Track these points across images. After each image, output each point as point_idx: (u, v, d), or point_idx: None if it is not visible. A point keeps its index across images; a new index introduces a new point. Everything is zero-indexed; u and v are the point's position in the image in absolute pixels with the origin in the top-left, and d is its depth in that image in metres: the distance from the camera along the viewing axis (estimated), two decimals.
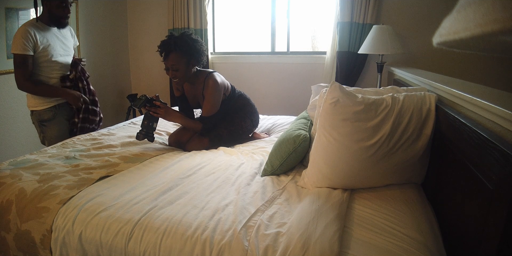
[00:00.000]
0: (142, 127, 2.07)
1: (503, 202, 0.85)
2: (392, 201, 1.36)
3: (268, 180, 1.59)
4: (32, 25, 2.08)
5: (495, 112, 0.97)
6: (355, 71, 3.32)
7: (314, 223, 1.16)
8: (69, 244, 1.31)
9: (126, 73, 4.19)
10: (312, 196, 1.37)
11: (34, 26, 2.08)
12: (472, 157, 1.06)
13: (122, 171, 1.71)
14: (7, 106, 2.81)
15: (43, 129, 2.25)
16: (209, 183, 1.56)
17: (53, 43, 2.16)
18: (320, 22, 3.74)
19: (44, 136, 2.28)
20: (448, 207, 1.29)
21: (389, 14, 3.19)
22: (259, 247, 1.11)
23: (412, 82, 2.21)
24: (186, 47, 2.05)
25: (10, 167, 1.71)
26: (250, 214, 1.27)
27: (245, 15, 3.96)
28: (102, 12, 3.73)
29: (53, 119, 2.24)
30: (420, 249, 1.06)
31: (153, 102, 2.07)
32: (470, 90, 1.30)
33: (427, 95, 1.46)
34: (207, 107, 2.17)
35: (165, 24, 3.84)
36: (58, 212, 1.37)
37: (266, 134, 2.51)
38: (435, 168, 1.46)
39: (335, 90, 1.39)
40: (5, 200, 1.47)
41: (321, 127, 1.44)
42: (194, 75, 2.20)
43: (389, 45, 2.78)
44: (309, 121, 1.95)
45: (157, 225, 1.24)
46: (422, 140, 1.39)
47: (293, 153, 1.64)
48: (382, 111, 1.38)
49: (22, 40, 2.00)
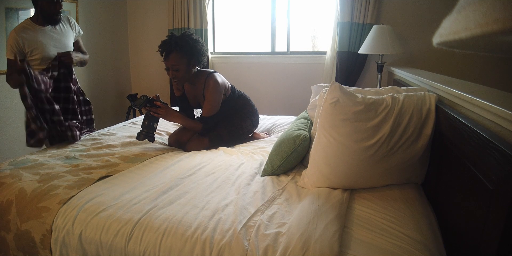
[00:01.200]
0: (142, 127, 2.07)
1: (503, 202, 0.85)
2: (392, 201, 1.36)
3: (268, 180, 1.59)
4: (21, 29, 2.09)
5: (495, 112, 0.97)
6: (355, 71, 3.32)
7: (314, 223, 1.16)
8: (69, 244, 1.31)
9: (126, 73, 4.19)
10: (312, 196, 1.37)
11: (24, 30, 2.09)
12: (472, 157, 1.06)
13: (122, 171, 1.71)
14: (7, 106, 2.81)
15: None
16: (209, 183, 1.56)
17: (46, 43, 2.15)
18: (320, 22, 3.74)
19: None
20: (448, 207, 1.29)
21: (389, 14, 3.19)
22: (259, 247, 1.11)
23: (412, 82, 2.21)
24: (187, 47, 2.04)
25: (10, 167, 1.71)
26: (250, 214, 1.27)
27: (245, 15, 3.96)
28: (102, 12, 3.72)
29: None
30: (420, 249, 1.06)
31: (154, 102, 2.08)
32: (470, 90, 1.30)
33: (427, 95, 1.45)
34: (208, 107, 2.17)
35: (165, 24, 3.84)
36: (58, 212, 1.37)
37: (266, 134, 2.51)
38: (435, 168, 1.46)
39: (335, 90, 1.39)
40: (5, 200, 1.47)
41: (321, 127, 1.44)
42: (195, 75, 2.20)
43: (389, 45, 2.78)
44: (309, 121, 1.95)
45: (157, 225, 1.24)
46: (422, 140, 1.39)
47: (293, 153, 1.64)
48: (382, 111, 1.38)
49: (9, 46, 2.07)
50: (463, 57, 2.88)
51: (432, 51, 3.00)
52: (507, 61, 2.40)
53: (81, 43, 2.46)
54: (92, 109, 2.47)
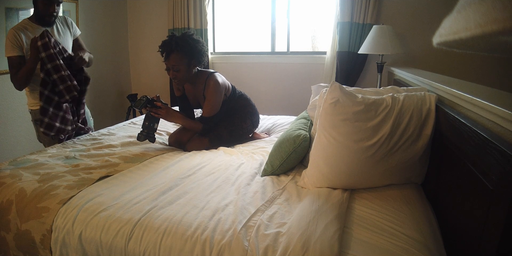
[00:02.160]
0: (143, 127, 2.07)
1: (503, 202, 0.85)
2: (392, 201, 1.36)
3: (268, 180, 1.59)
4: (20, 27, 2.09)
5: (495, 112, 0.97)
6: (355, 71, 3.32)
7: (314, 223, 1.16)
8: (69, 244, 1.31)
9: (126, 73, 4.18)
10: (312, 196, 1.37)
11: (22, 28, 2.09)
12: (472, 157, 1.06)
13: (122, 171, 1.71)
14: (7, 106, 2.81)
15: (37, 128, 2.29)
16: (209, 183, 1.56)
17: None
18: (320, 22, 3.74)
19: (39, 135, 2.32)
20: (448, 207, 1.29)
21: (389, 14, 3.19)
22: (259, 247, 1.11)
23: (412, 82, 2.21)
24: (187, 48, 2.04)
25: (10, 167, 1.71)
26: (250, 214, 1.27)
27: (245, 15, 3.96)
28: (102, 12, 3.72)
29: None
30: (420, 249, 1.06)
31: (154, 102, 2.08)
32: (470, 90, 1.30)
33: (427, 95, 1.45)
34: (208, 107, 2.17)
35: (165, 24, 3.84)
36: (58, 212, 1.37)
37: (266, 134, 2.51)
38: (435, 168, 1.46)
39: (335, 90, 1.39)
40: (5, 200, 1.47)
41: (321, 127, 1.44)
42: (195, 76, 2.20)
43: (389, 45, 2.78)
44: (309, 121, 1.95)
45: (157, 225, 1.24)
46: (422, 140, 1.39)
47: (293, 153, 1.64)
48: (382, 111, 1.38)
49: (9, 43, 2.05)
50: (463, 57, 2.88)
51: (432, 51, 3.00)
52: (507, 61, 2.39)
53: (80, 41, 2.45)
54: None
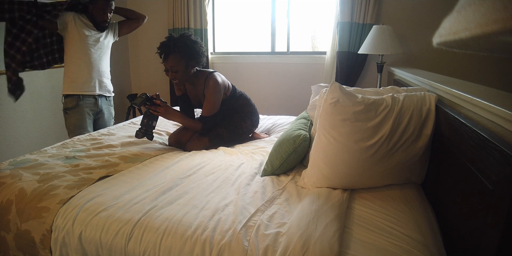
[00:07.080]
0: (141, 125, 2.08)
1: (503, 202, 0.85)
2: (392, 201, 1.36)
3: (268, 180, 1.59)
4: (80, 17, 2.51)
5: (495, 112, 0.97)
6: (355, 71, 3.32)
7: (314, 223, 1.16)
8: (69, 244, 1.31)
9: (126, 73, 4.18)
10: (312, 196, 1.37)
11: (80, 19, 2.51)
12: (472, 157, 1.06)
13: (122, 171, 1.71)
14: (7, 106, 2.81)
15: (65, 116, 2.53)
16: (209, 183, 1.56)
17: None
18: (320, 22, 3.74)
19: (66, 124, 2.53)
20: (448, 207, 1.29)
21: (389, 14, 3.19)
22: (259, 247, 1.11)
23: (412, 82, 2.21)
24: (185, 49, 2.04)
25: (10, 167, 1.71)
26: (250, 214, 1.27)
27: (245, 15, 3.96)
28: None
29: (75, 108, 2.49)
30: (420, 249, 1.06)
31: (153, 100, 2.08)
32: (470, 90, 1.30)
33: (427, 95, 1.46)
34: (208, 107, 2.17)
35: (165, 24, 3.84)
36: (58, 212, 1.37)
37: (266, 134, 2.51)
38: (435, 168, 1.46)
39: (335, 90, 1.39)
40: (5, 200, 1.47)
41: (321, 127, 1.44)
42: (195, 75, 2.20)
43: (389, 45, 2.78)
44: (309, 121, 1.95)
45: (157, 225, 1.24)
46: (422, 140, 1.39)
47: (293, 153, 1.64)
48: (382, 111, 1.38)
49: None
50: (463, 57, 2.88)
51: (432, 51, 3.00)
52: (507, 61, 2.40)
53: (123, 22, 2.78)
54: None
